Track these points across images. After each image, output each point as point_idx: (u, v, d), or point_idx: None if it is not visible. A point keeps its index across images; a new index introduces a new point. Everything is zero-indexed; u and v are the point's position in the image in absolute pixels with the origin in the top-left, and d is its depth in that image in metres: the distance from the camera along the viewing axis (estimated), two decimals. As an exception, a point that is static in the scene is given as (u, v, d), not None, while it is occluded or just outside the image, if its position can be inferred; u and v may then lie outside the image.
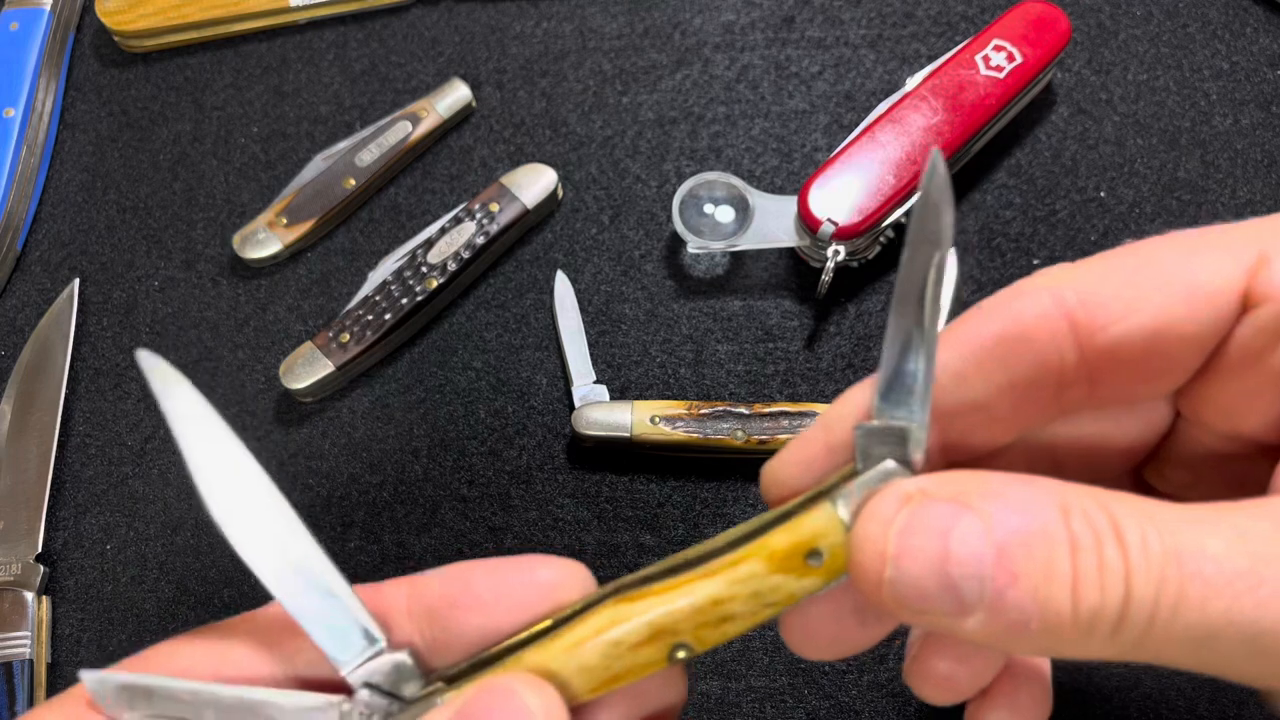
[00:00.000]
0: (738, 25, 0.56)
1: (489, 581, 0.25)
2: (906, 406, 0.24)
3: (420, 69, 0.56)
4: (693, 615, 0.24)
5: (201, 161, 0.55)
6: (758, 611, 0.24)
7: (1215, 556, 0.20)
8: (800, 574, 0.24)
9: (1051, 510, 0.21)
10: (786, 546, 0.24)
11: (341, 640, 0.24)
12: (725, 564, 0.24)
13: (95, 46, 0.58)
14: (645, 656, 0.24)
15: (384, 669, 0.25)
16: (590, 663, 0.24)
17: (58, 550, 0.48)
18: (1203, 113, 0.52)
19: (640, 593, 0.24)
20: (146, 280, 0.53)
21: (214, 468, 0.24)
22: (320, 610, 0.24)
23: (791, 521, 0.24)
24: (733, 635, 0.24)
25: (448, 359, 0.50)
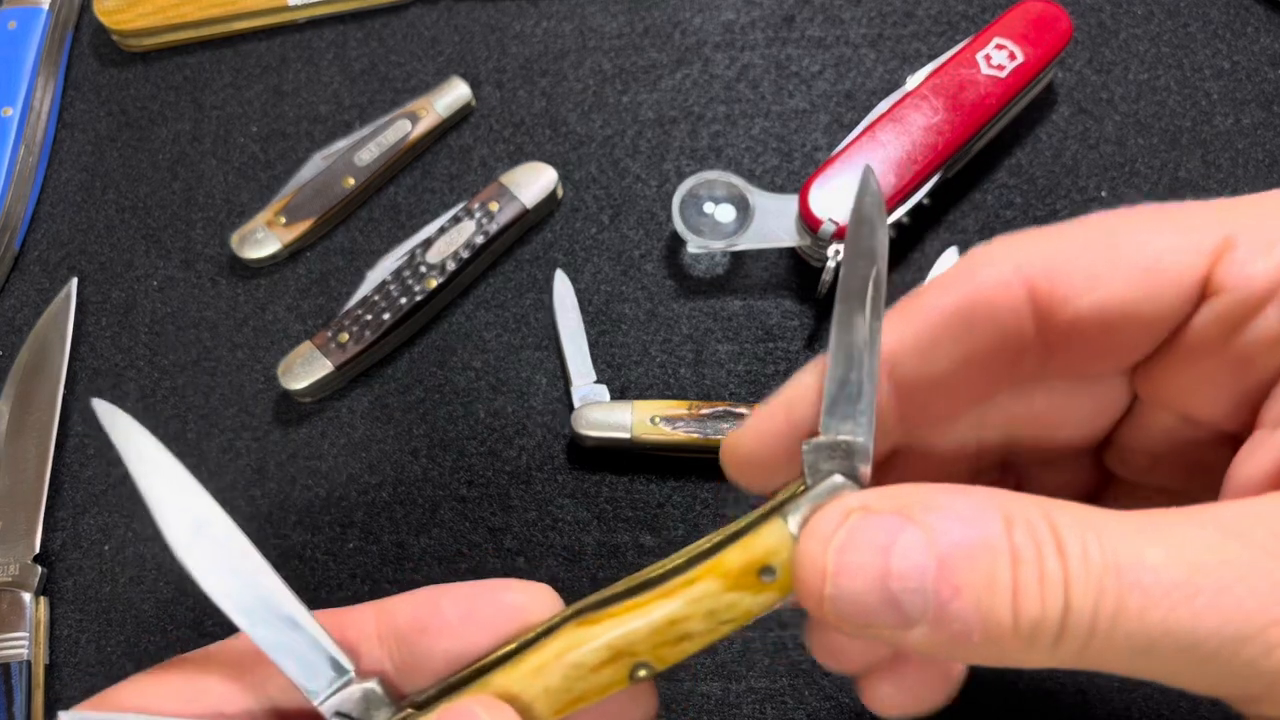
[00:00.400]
0: (738, 24, 0.56)
1: (457, 606, 0.26)
2: (852, 420, 0.24)
3: (420, 68, 0.56)
4: (650, 635, 0.24)
5: (200, 161, 0.55)
6: (715, 629, 0.24)
7: (1154, 566, 0.20)
8: (755, 590, 0.24)
9: (994, 521, 0.21)
10: (740, 564, 0.24)
11: (310, 670, 0.25)
12: (680, 584, 0.24)
13: (94, 45, 0.58)
14: (606, 677, 0.24)
15: (354, 697, 0.25)
16: (553, 685, 0.24)
17: (56, 551, 0.48)
18: (1204, 112, 0.52)
19: (599, 615, 0.25)
20: (145, 280, 0.52)
21: (174, 508, 0.25)
22: (287, 642, 0.25)
23: (744, 539, 0.24)
24: (692, 652, 0.24)
25: (447, 359, 0.50)
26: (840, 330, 0.25)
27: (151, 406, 0.50)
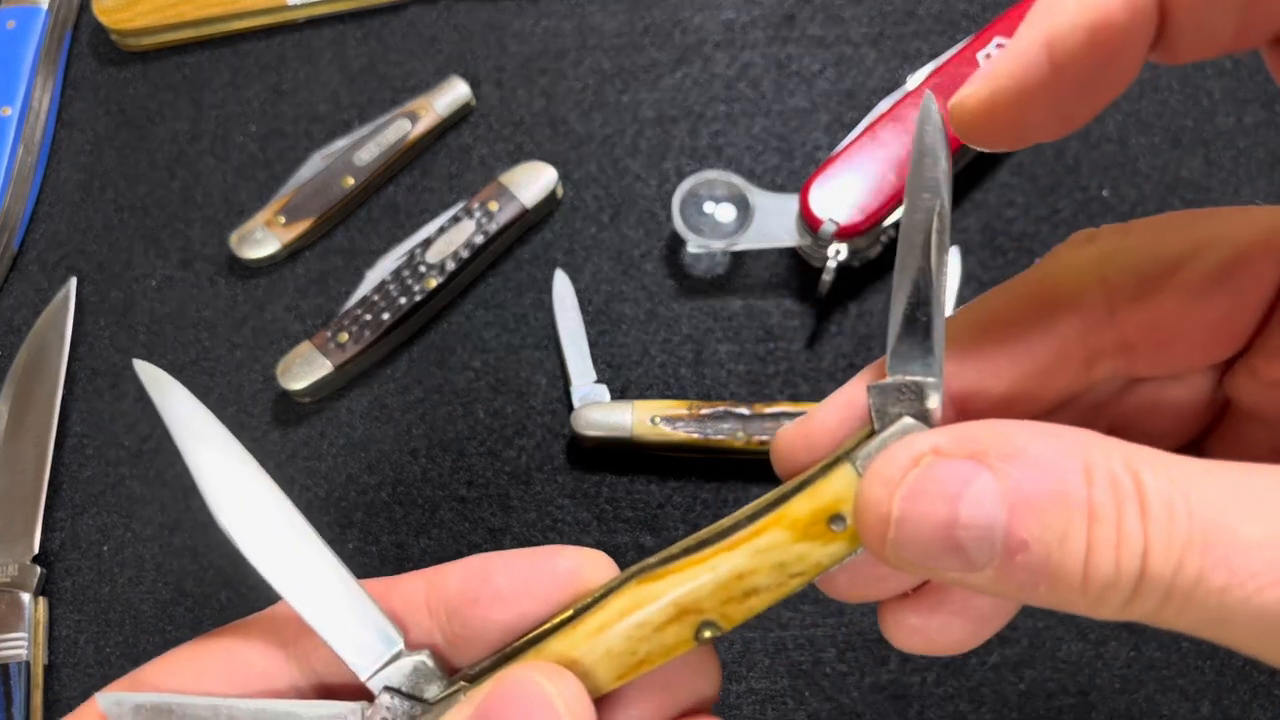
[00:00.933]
0: (738, 23, 0.56)
1: (508, 575, 0.25)
2: (919, 360, 0.23)
3: (419, 67, 0.56)
4: (717, 590, 0.23)
5: (199, 160, 0.55)
6: (783, 582, 0.23)
7: (1246, 545, 0.18)
8: (824, 540, 0.23)
9: (1074, 471, 0.20)
10: (808, 513, 0.23)
11: (358, 644, 0.24)
12: (746, 535, 0.24)
13: (92, 45, 0.58)
14: (671, 637, 0.23)
15: (404, 671, 0.24)
16: (615, 647, 0.23)
17: (54, 551, 0.48)
18: (1205, 111, 0.52)
19: (662, 571, 0.24)
20: (144, 280, 0.52)
21: (219, 476, 0.24)
22: (335, 615, 0.24)
23: (811, 487, 0.24)
24: (759, 609, 0.23)
25: (446, 359, 0.50)
26: (904, 264, 0.24)
27: (150, 407, 0.49)
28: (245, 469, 0.24)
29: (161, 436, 0.49)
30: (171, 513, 0.48)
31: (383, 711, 0.24)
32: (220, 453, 0.24)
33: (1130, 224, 0.25)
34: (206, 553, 0.47)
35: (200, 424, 0.24)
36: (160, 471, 0.49)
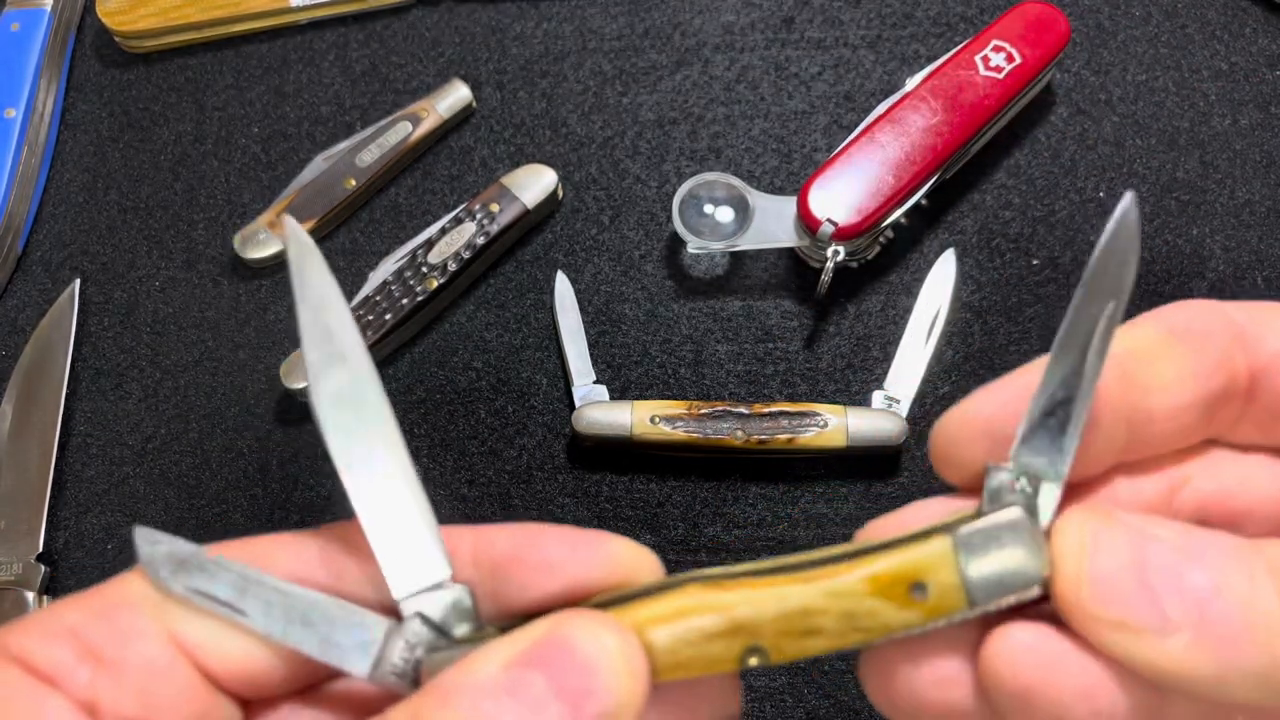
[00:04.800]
0: (737, 26, 0.56)
1: (561, 545, 0.24)
2: (1047, 455, 0.23)
3: (421, 69, 0.56)
4: (779, 619, 0.22)
5: (202, 162, 0.55)
6: (845, 634, 0.22)
7: None
8: (900, 604, 0.22)
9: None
10: (892, 571, 0.22)
11: (404, 561, 0.23)
12: (824, 573, 0.23)
13: (96, 47, 0.58)
14: (718, 651, 0.22)
15: (441, 603, 0.23)
16: (658, 643, 0.22)
17: (59, 550, 0.48)
18: (1201, 113, 0.53)
19: (729, 583, 0.23)
20: (147, 280, 0.53)
21: (328, 360, 0.23)
22: (393, 523, 0.23)
23: (903, 547, 0.23)
24: (814, 653, 0.23)
25: (448, 359, 0.50)
26: (1060, 355, 0.23)
27: (154, 407, 0.50)
28: (357, 359, 0.24)
29: (165, 436, 0.49)
30: (176, 512, 0.48)
31: (408, 634, 0.23)
32: (340, 336, 0.24)
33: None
34: (210, 551, 0.47)
35: (328, 301, 0.24)
36: (164, 470, 0.49)
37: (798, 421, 0.46)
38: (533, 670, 0.21)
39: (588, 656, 0.21)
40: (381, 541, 0.23)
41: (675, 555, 0.47)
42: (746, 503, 0.47)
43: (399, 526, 0.23)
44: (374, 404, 0.24)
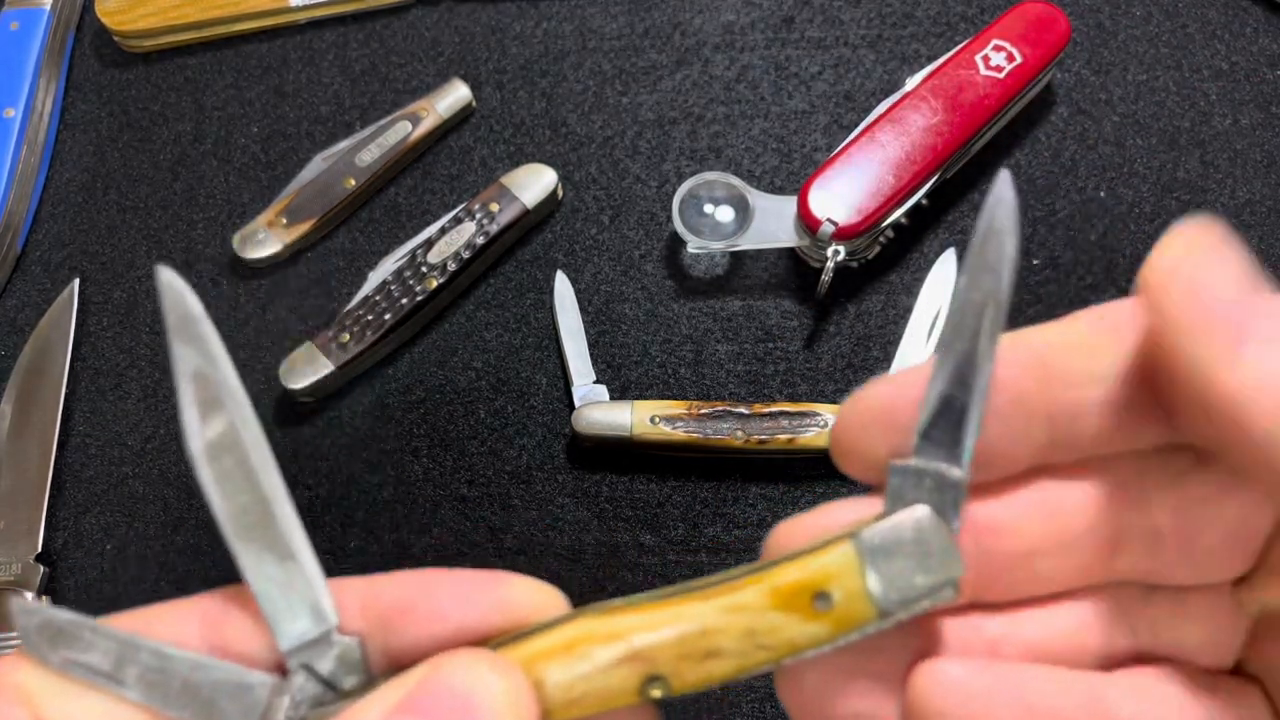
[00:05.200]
0: (737, 25, 0.56)
1: (453, 592, 0.23)
2: (947, 449, 0.22)
3: (420, 69, 0.56)
4: (677, 642, 0.21)
5: (201, 161, 0.55)
6: (748, 654, 0.21)
7: None
8: (804, 616, 0.21)
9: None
10: (792, 582, 0.21)
11: (289, 612, 0.22)
12: (722, 590, 0.21)
13: (95, 46, 0.58)
14: (616, 682, 0.21)
15: (328, 655, 0.22)
16: (551, 679, 0.21)
17: (58, 550, 0.48)
18: (1202, 113, 0.53)
19: (625, 609, 0.22)
20: (147, 280, 0.53)
21: (203, 403, 0.22)
22: (277, 575, 0.22)
23: (804, 557, 0.21)
24: (719, 678, 0.21)
25: (448, 359, 0.50)
26: (950, 343, 0.22)
27: (153, 407, 0.50)
28: (235, 399, 0.23)
29: (165, 437, 0.49)
30: (175, 512, 0.48)
31: (293, 690, 0.22)
32: (215, 380, 0.22)
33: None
34: (210, 551, 0.47)
35: (204, 344, 0.22)
36: (163, 471, 0.49)
37: (798, 422, 0.46)
38: (411, 717, 0.20)
39: (468, 697, 0.20)
40: (266, 595, 0.22)
41: (675, 555, 0.47)
42: (747, 503, 0.47)
43: (283, 578, 0.22)
44: (256, 452, 0.23)
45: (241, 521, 0.23)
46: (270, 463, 0.23)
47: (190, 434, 0.22)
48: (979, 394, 0.22)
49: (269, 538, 0.23)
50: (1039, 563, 0.23)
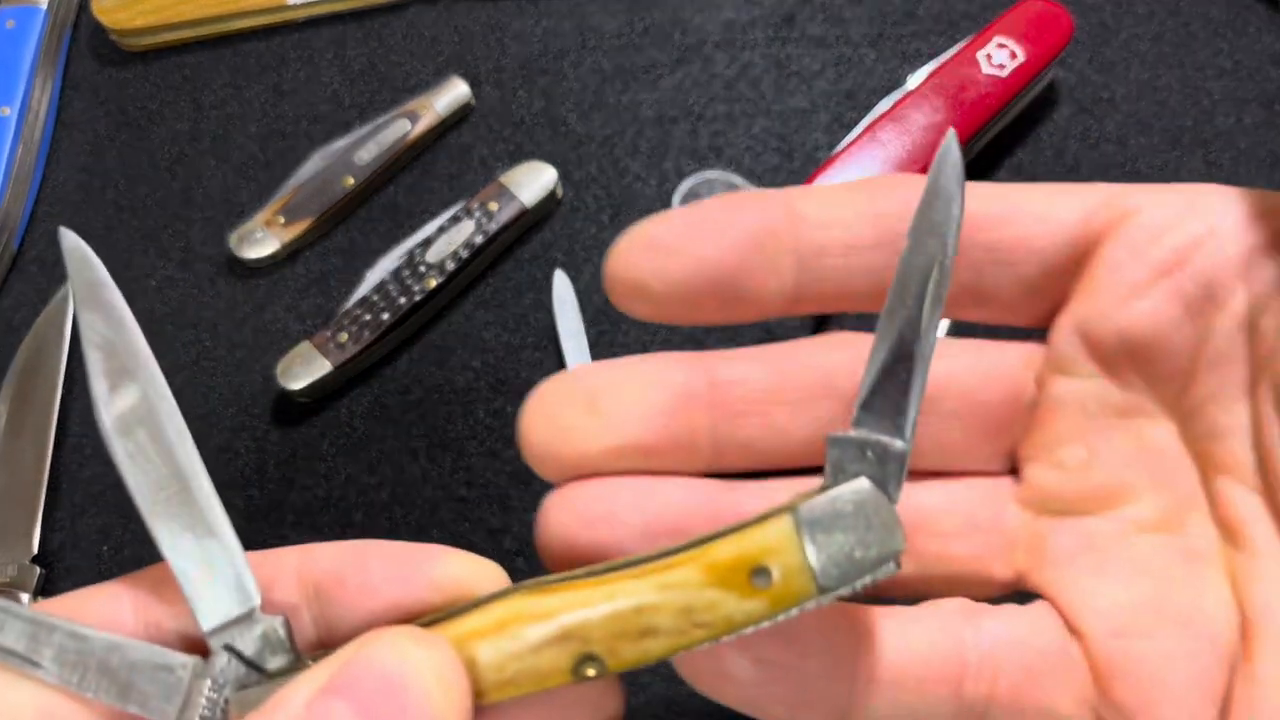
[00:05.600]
0: (738, 23, 0.56)
1: (385, 565, 0.23)
2: (890, 419, 0.21)
3: (419, 67, 0.56)
4: (610, 620, 0.21)
5: (199, 160, 0.55)
6: (684, 631, 0.20)
7: None
8: (741, 593, 0.20)
9: None
10: (730, 557, 0.21)
11: (211, 591, 0.22)
12: (658, 567, 0.21)
13: (92, 45, 0.58)
14: (547, 662, 0.21)
15: (251, 634, 0.22)
16: (483, 659, 0.21)
17: (54, 552, 0.48)
18: (1205, 112, 0.52)
19: (556, 585, 0.21)
20: (143, 280, 0.52)
21: (113, 373, 0.22)
22: (195, 550, 0.22)
23: (741, 531, 0.21)
24: (655, 656, 0.21)
25: (446, 359, 0.50)
26: (893, 310, 0.22)
27: (150, 407, 0.50)
28: (147, 368, 0.22)
29: (161, 436, 0.49)
30: (171, 513, 0.48)
31: (214, 671, 0.21)
32: (126, 348, 0.22)
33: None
34: (206, 553, 0.47)
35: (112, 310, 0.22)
36: (160, 472, 0.49)
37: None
38: (337, 698, 0.19)
39: (395, 676, 0.20)
40: (186, 574, 0.22)
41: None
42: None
43: (203, 556, 0.22)
44: (170, 425, 0.22)
45: (157, 498, 0.22)
46: (186, 436, 0.22)
47: (100, 406, 0.22)
48: (922, 363, 0.21)
49: (187, 515, 0.22)
50: (775, 413, 0.24)
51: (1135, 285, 0.24)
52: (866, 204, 0.24)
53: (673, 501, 0.24)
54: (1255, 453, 0.24)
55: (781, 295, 0.25)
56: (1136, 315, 0.24)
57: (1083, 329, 0.25)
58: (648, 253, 0.24)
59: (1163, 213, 0.24)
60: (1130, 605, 0.24)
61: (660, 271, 0.24)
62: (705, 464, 0.25)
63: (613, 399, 0.25)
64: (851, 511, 0.21)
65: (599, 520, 0.24)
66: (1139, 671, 0.23)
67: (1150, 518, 0.25)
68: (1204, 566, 0.24)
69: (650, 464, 0.24)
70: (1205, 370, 0.24)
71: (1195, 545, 0.25)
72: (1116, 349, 0.24)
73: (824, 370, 0.25)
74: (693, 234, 0.24)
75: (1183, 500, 0.25)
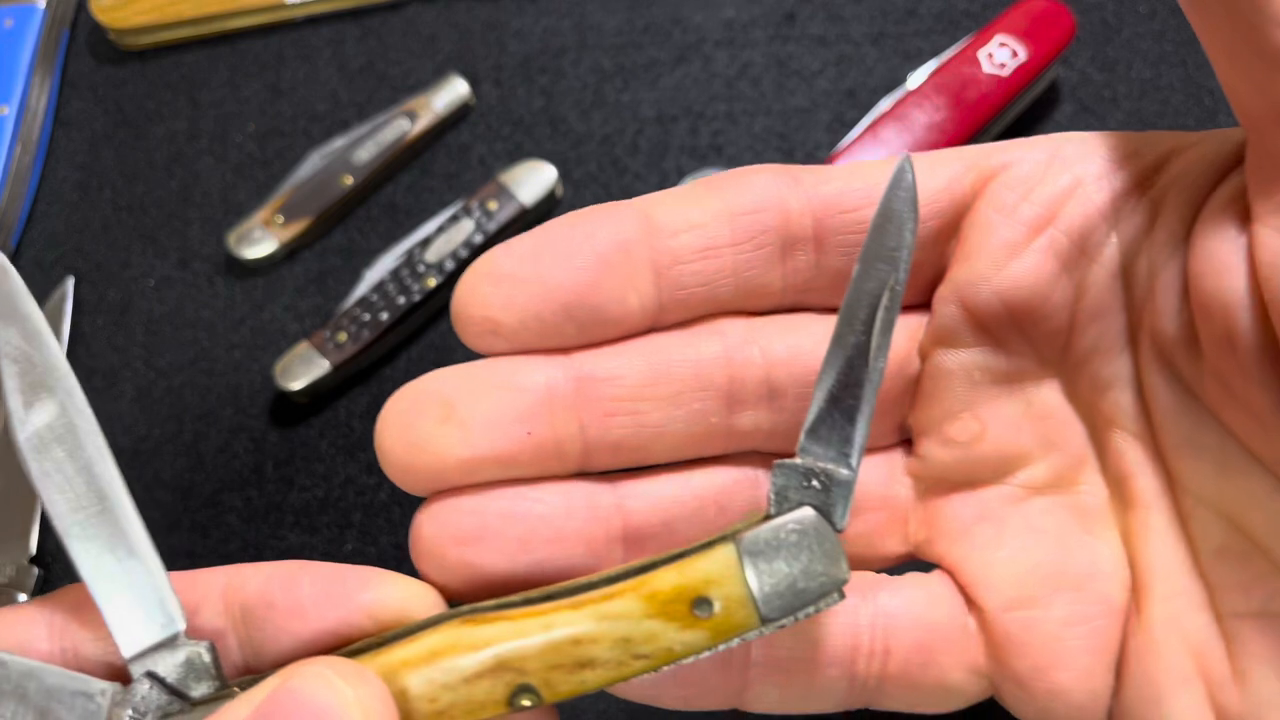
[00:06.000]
0: (738, 22, 0.56)
1: (317, 588, 0.22)
2: (836, 447, 0.21)
3: (418, 65, 0.56)
4: (547, 651, 0.20)
5: (197, 159, 0.54)
6: (623, 663, 0.20)
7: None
8: (682, 624, 0.20)
9: None
10: (671, 587, 0.20)
11: (132, 614, 0.21)
12: (596, 597, 0.20)
13: (90, 43, 0.58)
14: (482, 693, 0.20)
15: (174, 660, 0.21)
16: (418, 689, 0.20)
17: (52, 552, 0.47)
18: (1208, 111, 0.52)
19: (492, 615, 0.21)
20: (141, 279, 0.52)
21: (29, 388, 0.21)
22: (115, 572, 0.21)
23: (683, 560, 0.21)
24: (591, 687, 0.20)
25: (445, 359, 0.50)
26: (842, 335, 0.21)
27: (148, 407, 0.50)
28: (71, 399, 0.22)
29: (159, 437, 0.49)
30: (170, 514, 0.48)
31: (135, 699, 0.20)
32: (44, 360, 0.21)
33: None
34: (204, 556, 0.47)
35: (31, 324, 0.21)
36: (158, 472, 0.48)
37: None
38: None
39: (321, 710, 0.19)
40: (106, 597, 0.21)
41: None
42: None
43: (124, 578, 0.21)
44: (89, 442, 0.22)
45: (75, 517, 0.21)
46: (106, 454, 0.22)
47: (14, 422, 0.21)
48: (871, 390, 0.21)
49: (107, 534, 0.21)
50: (648, 410, 0.23)
51: (1009, 245, 0.23)
52: (719, 202, 0.24)
53: (549, 508, 0.23)
54: (1138, 402, 0.24)
55: (644, 311, 0.24)
56: (1013, 276, 0.23)
57: (962, 296, 0.24)
58: (494, 286, 0.24)
59: (1028, 168, 0.24)
60: (1026, 574, 0.24)
61: (509, 303, 0.24)
62: (575, 466, 0.24)
63: (470, 406, 0.24)
64: (795, 541, 0.21)
65: (470, 537, 0.23)
66: (1035, 642, 0.23)
67: (1043, 479, 0.25)
68: (1096, 523, 0.25)
69: (515, 472, 0.24)
70: (1085, 324, 0.24)
71: (1086, 502, 0.25)
72: (997, 313, 0.24)
73: (695, 363, 0.24)
74: (539, 260, 0.24)
75: (1073, 459, 0.25)
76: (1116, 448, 0.24)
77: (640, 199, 0.24)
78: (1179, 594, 0.23)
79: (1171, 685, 0.23)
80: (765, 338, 0.24)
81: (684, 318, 0.24)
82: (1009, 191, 0.24)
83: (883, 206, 0.22)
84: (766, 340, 0.24)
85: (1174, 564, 0.23)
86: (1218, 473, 0.22)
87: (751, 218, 0.23)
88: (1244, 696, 0.22)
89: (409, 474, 0.24)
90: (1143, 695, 0.23)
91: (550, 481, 0.24)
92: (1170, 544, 0.23)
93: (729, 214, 0.24)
